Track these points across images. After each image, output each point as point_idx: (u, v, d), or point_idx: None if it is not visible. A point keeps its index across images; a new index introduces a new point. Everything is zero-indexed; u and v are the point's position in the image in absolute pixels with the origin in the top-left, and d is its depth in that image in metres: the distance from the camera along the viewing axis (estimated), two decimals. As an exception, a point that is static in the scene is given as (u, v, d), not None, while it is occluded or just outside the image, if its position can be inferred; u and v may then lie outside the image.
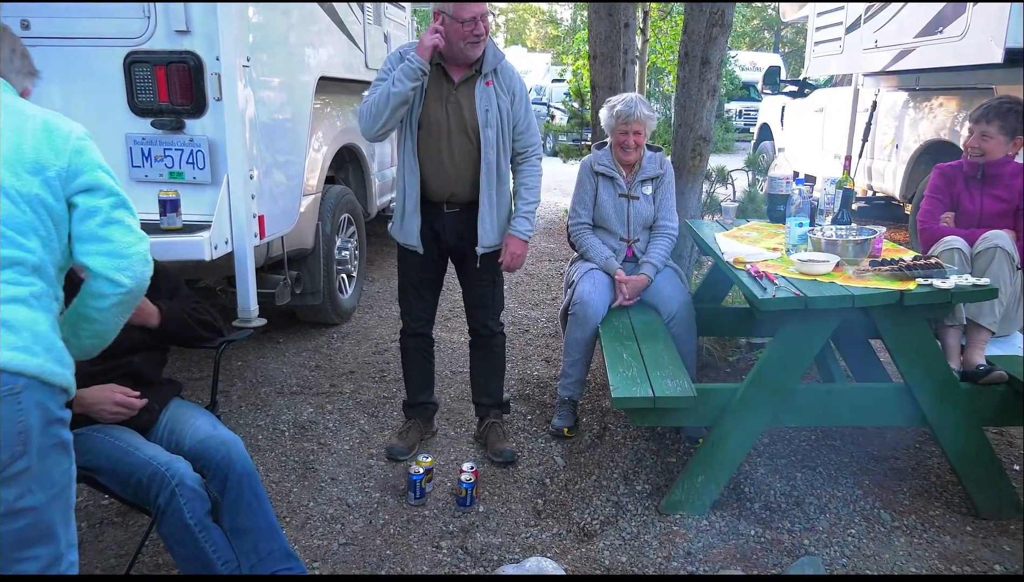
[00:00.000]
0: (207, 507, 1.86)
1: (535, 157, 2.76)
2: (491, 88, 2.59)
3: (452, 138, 2.59)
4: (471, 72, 2.58)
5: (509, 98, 2.63)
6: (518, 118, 2.67)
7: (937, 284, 2.29)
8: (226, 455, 1.95)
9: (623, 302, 3.06)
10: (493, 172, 2.63)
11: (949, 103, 5.36)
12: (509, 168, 2.72)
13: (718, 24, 3.70)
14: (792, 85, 8.72)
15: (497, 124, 2.60)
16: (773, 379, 2.42)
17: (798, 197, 3.08)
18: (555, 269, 5.93)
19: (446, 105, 2.58)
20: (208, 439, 1.98)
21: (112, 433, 1.90)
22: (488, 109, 2.57)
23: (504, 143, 2.64)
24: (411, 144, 2.61)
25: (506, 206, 2.75)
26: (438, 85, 2.58)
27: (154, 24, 2.70)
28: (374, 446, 3.00)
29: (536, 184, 2.77)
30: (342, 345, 4.13)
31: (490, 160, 2.60)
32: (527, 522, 2.51)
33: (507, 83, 2.63)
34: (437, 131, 2.59)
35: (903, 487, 2.67)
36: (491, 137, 2.59)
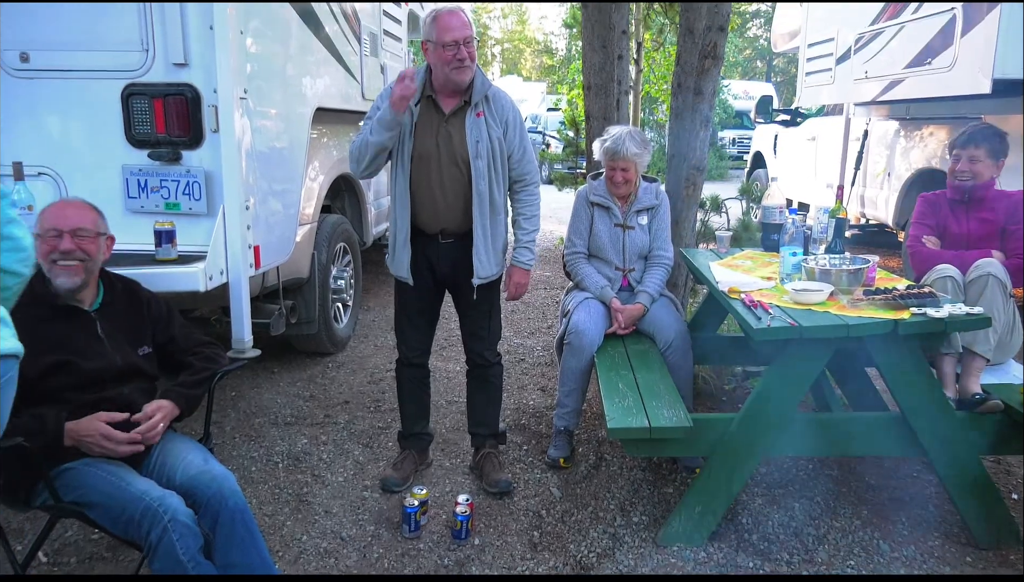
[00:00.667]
0: (200, 543, 1.83)
1: (532, 185, 2.76)
2: (482, 119, 2.59)
3: (443, 170, 2.60)
4: (461, 103, 2.59)
5: (501, 128, 2.63)
6: (512, 147, 2.67)
7: (931, 313, 2.30)
8: (218, 491, 1.93)
9: (619, 330, 3.06)
10: (486, 203, 2.63)
11: (939, 132, 5.43)
12: (504, 198, 2.73)
13: (710, 56, 3.76)
14: (785, 114, 8.83)
15: (488, 155, 2.60)
16: (769, 409, 2.41)
17: (791, 226, 3.09)
18: (551, 297, 5.94)
19: (437, 137, 2.59)
20: (200, 474, 1.96)
21: (103, 467, 1.88)
22: (479, 140, 2.57)
23: (497, 174, 2.64)
24: (403, 177, 2.62)
25: (502, 236, 2.75)
26: (429, 117, 2.60)
27: (152, 57, 2.73)
28: (368, 478, 2.98)
29: (534, 213, 2.77)
30: (337, 375, 4.11)
31: (482, 191, 2.60)
32: (523, 555, 2.48)
33: (499, 112, 2.63)
34: (428, 163, 2.59)
35: (901, 517, 2.66)
36: (482, 168, 2.58)
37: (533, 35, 44.30)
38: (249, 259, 2.91)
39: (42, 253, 1.97)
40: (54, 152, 2.83)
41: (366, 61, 4.60)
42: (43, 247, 1.98)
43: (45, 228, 1.99)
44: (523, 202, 2.77)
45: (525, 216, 2.76)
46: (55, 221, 2.01)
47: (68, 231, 2.00)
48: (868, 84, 6.08)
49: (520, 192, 2.76)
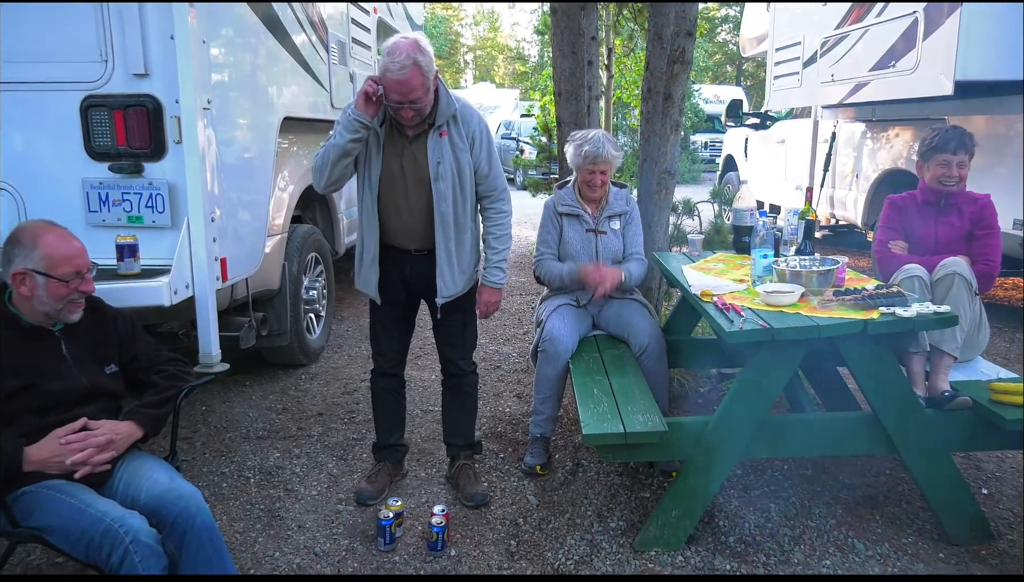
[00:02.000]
0: (163, 563, 1.78)
1: (500, 202, 2.70)
2: (445, 139, 2.53)
3: (409, 191, 2.56)
4: (424, 126, 2.53)
5: (467, 145, 2.58)
6: (479, 162, 2.61)
7: (899, 313, 2.32)
8: (185, 508, 1.88)
9: (602, 292, 3.01)
10: (449, 223, 2.58)
11: (905, 133, 5.52)
12: (471, 216, 2.67)
13: (679, 61, 3.78)
14: (754, 117, 8.93)
15: (452, 175, 2.54)
16: (743, 411, 2.42)
17: (762, 229, 3.11)
18: (526, 303, 5.93)
19: (402, 159, 2.55)
20: (166, 492, 1.91)
21: (63, 489, 1.83)
22: (440, 161, 2.52)
23: (463, 193, 2.59)
24: (370, 197, 2.57)
25: (468, 254, 2.70)
26: (393, 140, 2.55)
27: (112, 68, 2.67)
28: (343, 491, 2.93)
29: (504, 231, 2.72)
30: (310, 386, 4.06)
31: (444, 212, 2.56)
32: (500, 565, 2.45)
33: (466, 129, 2.57)
34: (394, 184, 2.56)
35: (875, 515, 2.67)
36: (444, 190, 2.53)
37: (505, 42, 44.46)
38: (216, 272, 2.86)
39: (59, 295, 1.94)
40: (11, 167, 2.76)
41: (334, 69, 4.56)
42: (62, 290, 1.94)
43: (66, 271, 1.94)
44: (492, 221, 2.71)
45: (495, 235, 2.72)
46: (76, 263, 1.97)
47: (86, 270, 1.99)
48: (834, 87, 6.17)
49: (488, 209, 2.71)
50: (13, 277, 1.93)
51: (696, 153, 17.95)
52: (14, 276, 1.93)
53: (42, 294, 1.94)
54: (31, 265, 1.92)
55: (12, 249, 1.94)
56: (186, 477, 2.93)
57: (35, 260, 1.93)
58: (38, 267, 1.92)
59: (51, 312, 1.97)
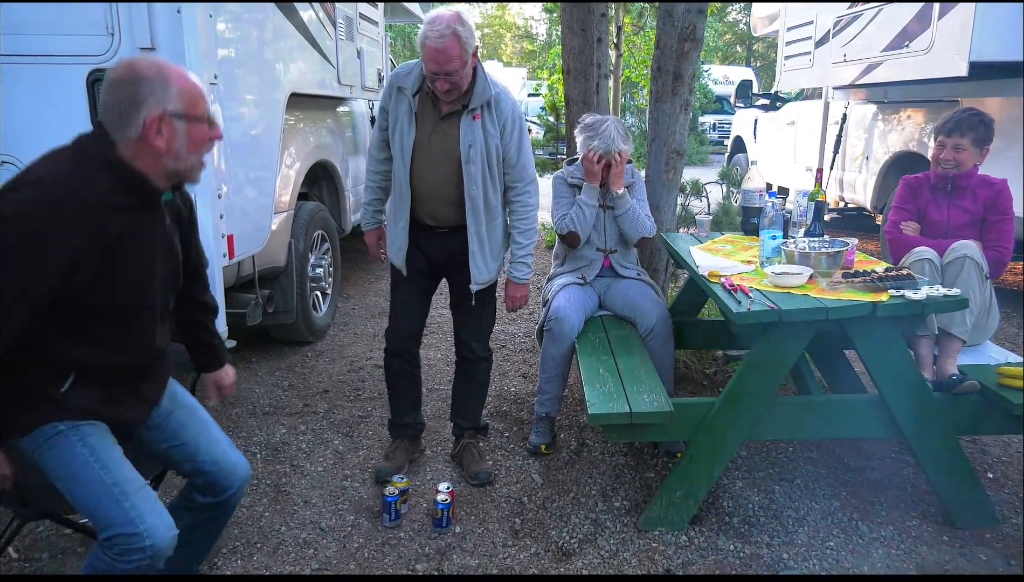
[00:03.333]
0: None
1: (526, 194, 2.66)
2: (478, 122, 2.50)
3: (437, 168, 2.54)
4: (458, 106, 2.51)
5: (498, 131, 2.54)
6: (508, 150, 2.58)
7: (909, 295, 2.30)
8: (236, 489, 1.89)
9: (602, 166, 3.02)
10: (479, 207, 2.57)
11: (917, 115, 5.45)
12: (500, 201, 2.65)
13: (690, 39, 3.73)
14: (764, 98, 8.85)
15: (482, 159, 2.52)
16: (749, 392, 2.41)
17: (771, 210, 3.09)
18: (533, 283, 5.91)
19: (431, 134, 2.53)
20: (225, 463, 1.87)
21: (95, 449, 1.61)
22: (471, 144, 2.50)
23: (491, 178, 2.57)
24: (403, 167, 2.56)
25: (498, 240, 2.68)
26: (426, 113, 2.54)
27: (118, 41, 2.65)
28: (348, 467, 2.95)
29: (529, 225, 2.70)
30: (316, 364, 4.07)
31: (474, 195, 2.54)
32: (504, 542, 2.46)
33: (499, 115, 2.54)
34: (423, 159, 2.55)
35: (880, 498, 2.68)
36: (474, 173, 2.52)
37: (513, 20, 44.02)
38: (222, 248, 2.86)
39: (200, 144, 1.59)
40: (17, 140, 2.75)
41: (342, 45, 4.52)
42: (204, 136, 1.59)
43: (204, 111, 1.59)
44: (517, 214, 2.68)
45: (520, 230, 2.69)
46: (207, 101, 1.61)
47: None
48: (846, 67, 6.10)
49: (514, 201, 2.67)
50: (148, 126, 1.51)
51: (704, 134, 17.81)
52: (149, 125, 1.51)
53: (182, 145, 1.55)
54: (170, 106, 1.52)
55: (137, 88, 1.50)
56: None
57: (172, 99, 1.52)
58: (177, 109, 1.53)
59: (183, 170, 1.58)
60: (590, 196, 3.05)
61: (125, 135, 1.53)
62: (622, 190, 3.05)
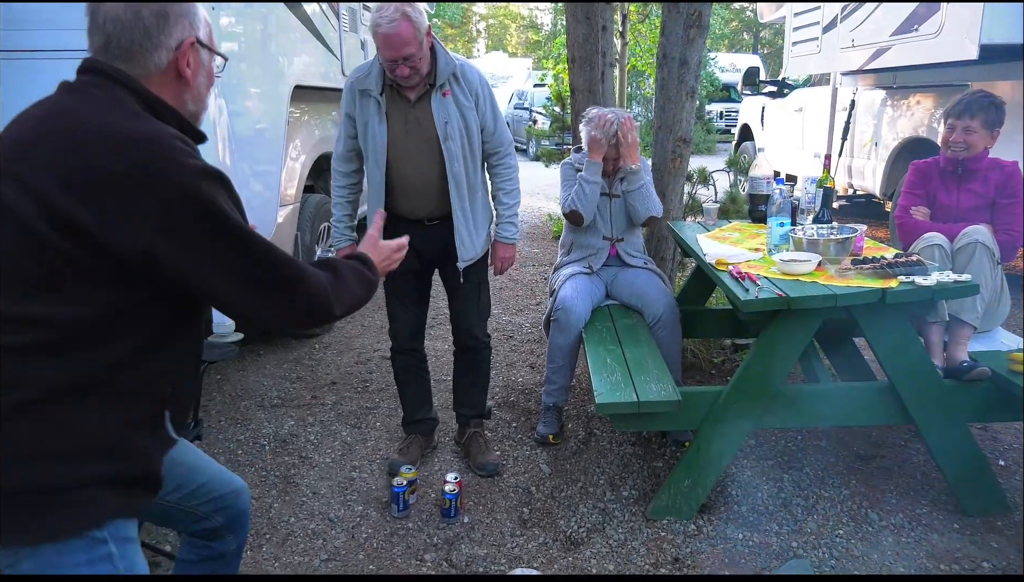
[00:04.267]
0: None
1: (508, 157, 2.68)
2: (449, 98, 2.49)
3: (419, 158, 2.52)
4: (425, 87, 2.49)
5: (472, 102, 2.53)
6: (485, 120, 2.58)
7: (919, 281, 2.28)
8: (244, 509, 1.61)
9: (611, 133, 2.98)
10: (462, 184, 2.56)
11: (926, 100, 5.39)
12: (482, 176, 2.66)
13: (695, 25, 3.70)
14: (771, 85, 8.76)
15: (461, 134, 2.51)
16: (757, 381, 2.40)
17: (779, 197, 3.06)
18: (539, 274, 5.91)
19: (407, 125, 2.51)
20: (238, 483, 1.60)
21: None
22: (447, 121, 2.48)
23: (471, 152, 2.57)
24: (377, 168, 2.54)
25: (483, 214, 2.69)
26: (396, 107, 2.51)
27: (121, 34, 2.65)
28: (356, 458, 2.96)
29: (514, 186, 2.71)
30: (324, 356, 4.08)
31: (456, 172, 2.53)
32: (512, 532, 2.47)
33: (469, 87, 2.53)
34: (402, 153, 2.52)
35: (890, 486, 2.66)
36: (454, 149, 2.50)
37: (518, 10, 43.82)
38: (229, 241, 2.86)
39: (211, 80, 1.40)
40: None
41: (345, 37, 4.51)
42: (212, 71, 1.41)
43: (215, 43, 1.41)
44: (501, 176, 2.70)
45: (505, 190, 2.70)
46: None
47: None
48: (854, 53, 6.03)
49: (497, 166, 2.68)
50: (183, 52, 1.27)
51: (711, 123, 17.70)
52: (184, 50, 1.27)
53: (203, 82, 1.34)
54: (201, 32, 1.31)
55: (166, 6, 1.25)
56: (204, 445, 2.99)
57: (201, 24, 1.32)
58: (203, 36, 1.32)
59: (198, 114, 1.36)
60: (591, 173, 3.02)
61: (146, 67, 1.24)
62: (636, 164, 3.03)
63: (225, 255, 1.18)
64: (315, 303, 1.28)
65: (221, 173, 1.21)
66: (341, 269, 1.38)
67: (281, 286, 1.24)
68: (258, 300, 1.24)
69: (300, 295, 1.26)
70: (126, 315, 1.16)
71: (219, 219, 1.16)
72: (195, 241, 1.15)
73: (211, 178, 1.17)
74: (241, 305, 1.24)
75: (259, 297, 1.23)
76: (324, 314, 1.31)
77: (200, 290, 1.19)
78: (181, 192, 1.13)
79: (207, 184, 1.16)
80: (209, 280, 1.18)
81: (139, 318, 1.18)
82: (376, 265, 1.51)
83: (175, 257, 1.14)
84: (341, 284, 1.34)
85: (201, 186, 1.15)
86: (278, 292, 1.24)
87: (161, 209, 1.12)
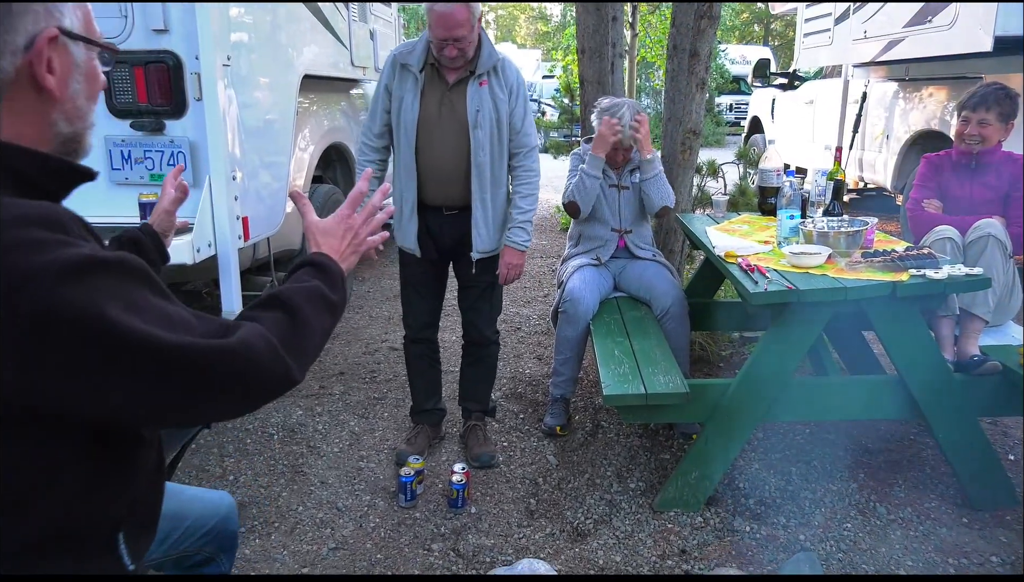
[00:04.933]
0: None
1: (529, 159, 2.64)
2: (485, 88, 2.49)
3: (447, 141, 2.52)
4: (465, 73, 2.50)
5: (507, 96, 2.53)
6: (514, 116, 2.57)
7: (930, 274, 2.27)
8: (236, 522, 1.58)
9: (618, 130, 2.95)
10: (486, 175, 2.55)
11: (939, 93, 5.35)
12: (504, 171, 2.63)
13: (706, 16, 3.67)
14: (782, 77, 8.71)
15: (491, 124, 2.51)
16: (766, 374, 2.39)
17: (789, 189, 3.05)
18: (547, 266, 5.90)
19: (440, 107, 2.51)
20: (225, 505, 1.55)
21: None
22: (479, 109, 2.48)
23: (499, 145, 2.56)
24: (408, 148, 2.54)
25: (502, 209, 2.67)
26: (433, 87, 2.51)
27: (131, 23, 2.65)
28: (364, 448, 2.97)
29: (532, 190, 2.66)
30: (332, 346, 4.09)
31: (481, 162, 2.52)
32: (520, 523, 2.47)
33: (507, 82, 2.53)
34: (432, 133, 2.52)
35: (898, 480, 2.65)
36: (482, 138, 2.49)
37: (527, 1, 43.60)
38: (238, 231, 2.86)
39: (95, 87, 1.01)
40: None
41: (355, 27, 4.50)
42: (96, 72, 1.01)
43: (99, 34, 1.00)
44: (520, 178, 2.65)
45: (521, 194, 2.65)
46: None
47: None
48: (867, 44, 5.98)
49: (517, 167, 2.65)
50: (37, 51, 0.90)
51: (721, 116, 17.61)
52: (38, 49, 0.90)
53: (79, 89, 0.98)
54: (67, 20, 0.94)
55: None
56: (212, 434, 3.01)
57: (67, 8, 0.95)
58: (75, 25, 0.95)
59: (79, 135, 1.01)
60: (593, 166, 3.01)
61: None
62: (651, 154, 3.01)
63: (120, 376, 0.83)
64: (264, 384, 0.95)
65: (98, 258, 0.83)
66: (295, 304, 1.04)
67: (213, 386, 0.90)
68: (186, 415, 0.95)
69: (240, 386, 0.92)
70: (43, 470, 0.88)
71: (102, 332, 0.81)
72: (74, 367, 0.81)
73: (80, 274, 0.81)
74: (172, 422, 0.98)
75: (185, 413, 0.93)
76: (281, 387, 0.97)
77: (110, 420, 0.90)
78: (36, 312, 0.78)
79: (74, 287, 0.80)
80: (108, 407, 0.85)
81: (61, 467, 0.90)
82: (337, 262, 1.19)
83: (58, 393, 0.82)
84: (297, 332, 1.02)
85: (64, 295, 0.79)
86: (213, 392, 0.90)
87: (16, 342, 0.78)
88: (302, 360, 1.01)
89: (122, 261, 0.87)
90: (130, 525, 1.03)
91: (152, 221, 1.55)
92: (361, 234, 1.26)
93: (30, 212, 0.83)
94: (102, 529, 0.98)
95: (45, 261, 0.79)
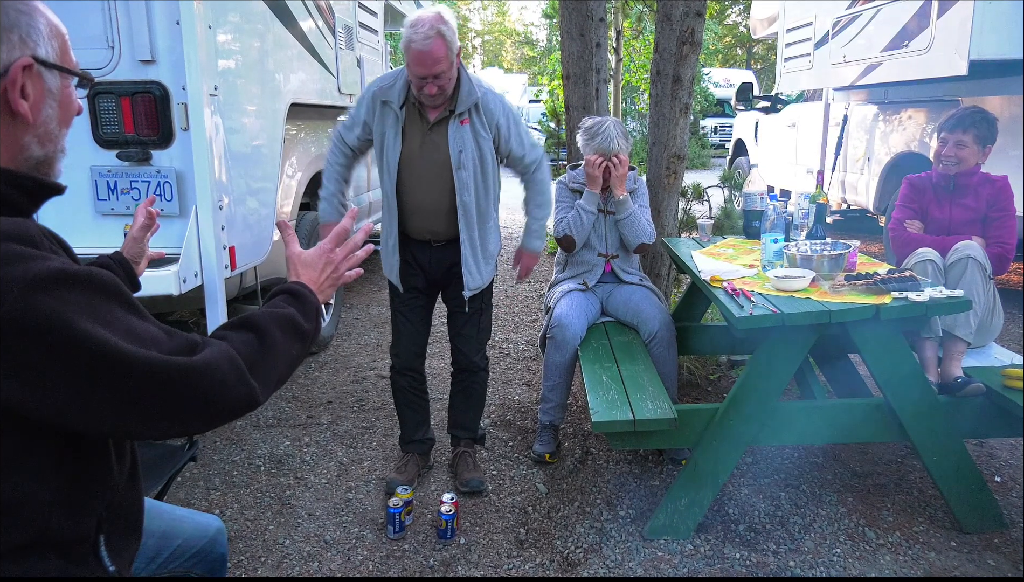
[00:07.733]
0: None
1: (539, 171, 2.68)
2: (467, 127, 2.49)
3: (431, 180, 2.52)
4: (445, 112, 2.49)
5: (491, 134, 2.53)
6: (510, 146, 2.58)
7: (912, 297, 2.29)
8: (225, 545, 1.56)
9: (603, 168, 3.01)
10: (472, 214, 2.55)
11: (918, 115, 5.44)
12: (492, 205, 2.65)
13: (688, 42, 3.73)
14: (765, 101, 8.83)
15: (474, 164, 2.51)
16: (753, 398, 2.40)
17: (772, 213, 3.08)
18: (535, 291, 5.91)
19: (422, 147, 2.51)
20: (213, 527, 1.53)
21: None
22: (462, 150, 2.48)
23: (484, 183, 2.56)
24: (390, 183, 2.55)
25: (492, 242, 2.69)
26: (414, 125, 2.51)
27: (118, 54, 2.66)
28: (352, 479, 2.94)
29: (545, 199, 2.73)
30: (320, 375, 4.07)
31: (466, 202, 2.52)
32: (509, 553, 2.45)
33: (489, 118, 2.52)
34: (415, 172, 2.53)
35: (886, 503, 2.66)
36: (465, 179, 2.50)
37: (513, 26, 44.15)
38: (224, 260, 2.86)
39: (69, 113, 1.11)
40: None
41: (341, 55, 4.53)
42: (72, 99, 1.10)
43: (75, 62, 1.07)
44: (535, 189, 2.71)
45: (536, 202, 2.72)
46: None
47: None
48: (846, 68, 6.09)
49: (531, 181, 2.70)
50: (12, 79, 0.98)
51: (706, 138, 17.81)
52: (13, 76, 0.98)
53: (52, 115, 1.06)
54: (41, 50, 1.02)
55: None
56: (198, 466, 2.97)
57: (42, 37, 1.03)
58: (50, 54, 1.04)
59: (50, 159, 1.07)
60: (590, 202, 3.05)
61: None
62: (624, 194, 3.05)
63: (85, 385, 0.88)
64: (225, 404, 0.99)
65: (68, 271, 0.88)
66: (266, 328, 1.08)
67: (173, 401, 0.94)
68: (147, 427, 0.96)
69: (200, 403, 0.96)
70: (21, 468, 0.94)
71: (69, 341, 0.86)
72: (40, 374, 0.86)
73: (50, 286, 0.85)
74: (135, 434, 0.99)
75: (146, 425, 0.95)
76: (241, 407, 1.01)
77: (75, 428, 0.93)
78: (4, 320, 0.83)
79: (43, 297, 0.85)
80: (72, 415, 0.90)
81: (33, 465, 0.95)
82: (315, 291, 1.23)
83: (26, 399, 0.87)
84: (265, 356, 1.06)
85: (34, 304, 0.84)
86: (173, 407, 0.95)
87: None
88: (266, 383, 1.05)
89: (91, 275, 0.91)
90: (110, 530, 1.08)
91: (123, 249, 1.59)
92: (340, 269, 1.31)
93: (1, 227, 0.88)
94: (82, 533, 1.03)
95: (16, 273, 0.84)
